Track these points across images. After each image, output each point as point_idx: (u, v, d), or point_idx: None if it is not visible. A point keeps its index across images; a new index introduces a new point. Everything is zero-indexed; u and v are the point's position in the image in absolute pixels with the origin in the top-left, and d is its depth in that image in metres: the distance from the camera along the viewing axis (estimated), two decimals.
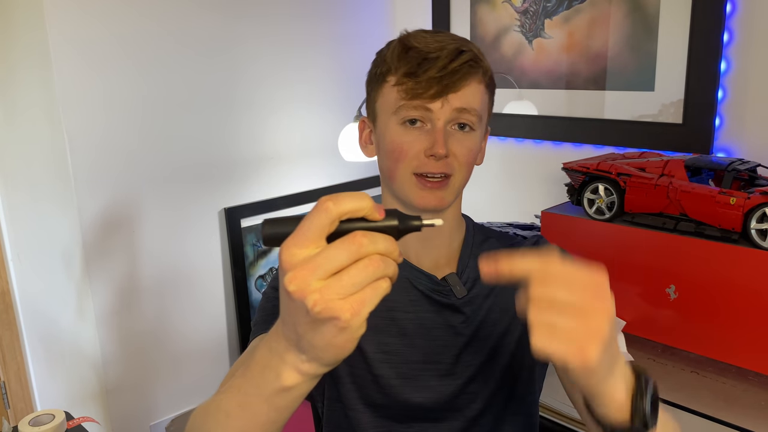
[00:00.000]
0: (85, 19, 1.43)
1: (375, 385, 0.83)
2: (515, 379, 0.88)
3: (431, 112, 0.79)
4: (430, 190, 0.80)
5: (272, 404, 0.53)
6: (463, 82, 0.78)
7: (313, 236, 0.45)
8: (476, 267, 0.87)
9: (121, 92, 1.51)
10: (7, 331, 1.81)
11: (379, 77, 0.83)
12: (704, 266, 1.17)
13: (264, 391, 0.53)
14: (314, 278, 0.44)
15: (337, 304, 0.44)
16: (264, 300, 0.85)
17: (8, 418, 1.82)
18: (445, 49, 0.78)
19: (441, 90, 0.77)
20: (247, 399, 0.55)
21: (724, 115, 1.41)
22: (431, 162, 0.79)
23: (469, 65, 0.79)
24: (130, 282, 1.59)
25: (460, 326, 0.85)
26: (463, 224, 0.92)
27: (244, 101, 1.74)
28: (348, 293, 0.45)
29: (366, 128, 0.89)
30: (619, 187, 1.29)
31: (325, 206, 0.45)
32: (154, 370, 1.67)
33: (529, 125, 1.77)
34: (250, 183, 1.78)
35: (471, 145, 0.82)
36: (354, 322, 0.45)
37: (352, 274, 0.44)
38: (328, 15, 1.89)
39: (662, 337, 1.26)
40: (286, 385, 0.51)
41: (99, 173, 1.50)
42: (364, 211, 0.47)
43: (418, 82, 0.77)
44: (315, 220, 0.45)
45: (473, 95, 0.80)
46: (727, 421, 1.04)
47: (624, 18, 1.52)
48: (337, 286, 0.44)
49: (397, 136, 0.81)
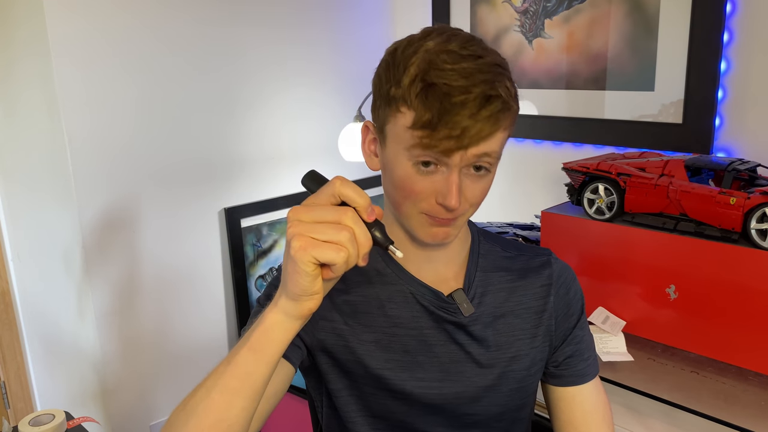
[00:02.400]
0: (86, 18, 1.43)
1: (375, 398, 0.82)
2: (520, 407, 0.87)
3: (448, 160, 0.70)
4: (438, 226, 0.75)
5: (252, 348, 0.63)
6: (486, 136, 0.69)
7: (320, 197, 0.61)
8: (483, 281, 0.85)
9: (121, 92, 1.51)
10: (7, 331, 1.81)
11: (391, 100, 0.72)
12: (704, 266, 1.17)
13: (248, 338, 0.64)
14: (305, 215, 0.59)
15: (299, 235, 0.59)
16: (256, 309, 0.83)
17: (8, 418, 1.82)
18: (472, 93, 0.66)
19: (460, 145, 0.68)
20: (234, 351, 0.65)
21: (724, 115, 1.41)
22: (441, 210, 0.73)
23: (495, 118, 0.68)
24: (130, 282, 1.59)
25: (466, 345, 0.82)
26: (469, 234, 0.88)
27: (245, 101, 1.74)
28: (312, 234, 0.58)
29: (370, 135, 0.80)
30: (619, 187, 1.29)
31: (334, 183, 0.61)
32: (154, 370, 1.67)
33: (529, 125, 1.77)
34: (250, 183, 1.78)
35: (485, 186, 0.75)
36: (300, 254, 0.58)
37: (326, 225, 0.59)
38: (328, 14, 1.89)
39: (662, 337, 1.26)
40: (266, 318, 0.63)
41: (99, 173, 1.50)
42: (357, 205, 0.61)
43: (436, 133, 0.67)
44: (326, 188, 0.61)
45: (495, 142, 0.70)
46: (727, 421, 1.04)
47: (624, 18, 1.52)
48: (309, 226, 0.59)
49: (408, 176, 0.72)
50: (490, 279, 0.86)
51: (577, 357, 0.88)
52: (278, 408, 1.96)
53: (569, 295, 0.89)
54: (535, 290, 0.87)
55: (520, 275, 0.87)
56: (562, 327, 0.88)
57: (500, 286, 0.86)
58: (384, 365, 0.81)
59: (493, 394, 0.83)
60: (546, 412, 1.26)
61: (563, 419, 0.88)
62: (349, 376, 0.82)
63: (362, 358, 0.81)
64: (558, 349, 0.88)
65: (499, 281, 0.86)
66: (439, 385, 0.82)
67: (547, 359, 0.88)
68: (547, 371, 0.89)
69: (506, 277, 0.87)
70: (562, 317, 0.88)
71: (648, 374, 1.18)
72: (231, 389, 0.64)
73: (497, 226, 1.61)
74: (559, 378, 0.88)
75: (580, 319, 0.90)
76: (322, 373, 0.84)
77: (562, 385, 0.88)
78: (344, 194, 0.60)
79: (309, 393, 0.94)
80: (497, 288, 0.86)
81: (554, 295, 0.87)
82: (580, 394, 0.88)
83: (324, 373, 0.83)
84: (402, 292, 0.83)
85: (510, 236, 1.53)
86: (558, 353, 0.88)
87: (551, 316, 0.87)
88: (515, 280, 0.87)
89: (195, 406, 0.64)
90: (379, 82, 0.75)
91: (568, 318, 0.88)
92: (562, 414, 0.89)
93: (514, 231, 1.56)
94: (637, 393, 1.15)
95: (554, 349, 0.88)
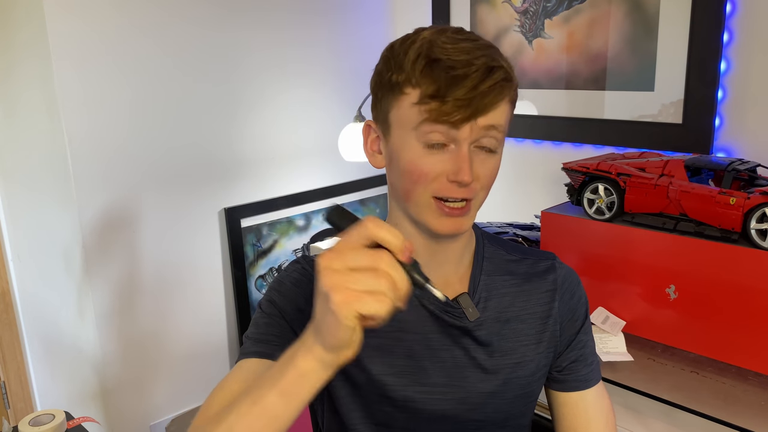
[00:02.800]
0: (86, 20, 1.43)
1: (379, 405, 0.81)
2: (524, 413, 0.87)
3: (456, 132, 0.70)
4: (449, 216, 0.74)
5: (283, 393, 0.59)
6: (493, 104, 0.70)
7: (352, 240, 0.56)
8: (487, 285, 0.85)
9: (120, 92, 1.51)
10: (7, 331, 1.81)
11: (394, 86, 0.73)
12: (704, 266, 1.17)
13: (278, 380, 0.59)
14: (338, 262, 0.54)
15: (337, 287, 0.53)
16: (258, 314, 0.82)
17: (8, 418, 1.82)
18: (474, 65, 0.69)
19: (470, 114, 0.69)
20: (260, 392, 0.60)
21: (724, 115, 1.41)
22: (454, 187, 0.72)
23: (500, 86, 0.70)
24: (130, 282, 1.59)
25: (471, 350, 0.82)
26: (473, 236, 0.87)
27: (245, 101, 1.74)
28: (351, 284, 0.53)
29: (372, 134, 0.80)
30: (619, 187, 1.29)
31: (366, 225, 0.56)
32: (154, 370, 1.67)
33: (529, 125, 1.77)
34: (250, 183, 1.78)
35: (494, 166, 0.75)
36: (342, 309, 0.53)
37: (363, 273, 0.54)
38: (328, 15, 1.89)
39: (662, 337, 1.26)
40: (299, 365, 0.58)
41: (99, 173, 1.50)
42: (392, 247, 0.56)
43: (445, 103, 0.69)
44: (358, 230, 0.56)
45: (501, 114, 0.72)
46: (727, 421, 1.04)
47: (624, 18, 1.52)
48: (347, 276, 0.54)
49: (417, 156, 0.72)
50: (495, 283, 0.85)
51: (580, 362, 0.88)
52: None
53: (574, 300, 0.89)
54: (539, 295, 0.86)
55: (524, 279, 0.87)
56: (566, 332, 0.87)
57: (505, 290, 0.85)
58: (387, 370, 0.80)
59: (497, 400, 0.83)
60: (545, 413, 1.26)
61: (566, 425, 0.88)
62: (353, 382, 0.81)
63: (365, 364, 0.80)
64: (562, 354, 0.88)
65: (504, 285, 0.86)
66: (443, 390, 0.81)
67: (551, 364, 0.88)
68: (551, 376, 0.89)
69: (511, 281, 0.86)
70: (567, 322, 0.88)
71: (648, 374, 1.18)
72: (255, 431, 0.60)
73: (497, 226, 1.61)
74: (562, 383, 0.88)
75: (584, 324, 0.89)
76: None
77: (565, 390, 0.88)
78: (378, 236, 0.56)
79: None
80: (502, 292, 0.85)
81: (559, 300, 0.87)
82: (583, 400, 0.87)
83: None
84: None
85: (510, 236, 1.53)
86: (562, 358, 0.88)
87: (556, 322, 0.86)
88: (520, 284, 0.86)
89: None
90: (379, 76, 0.76)
91: (573, 323, 0.88)
92: (564, 420, 0.88)
93: (514, 231, 1.56)
94: (637, 393, 1.15)
95: (558, 354, 0.88)
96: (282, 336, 0.78)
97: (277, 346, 0.76)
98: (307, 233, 1.92)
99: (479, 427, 0.83)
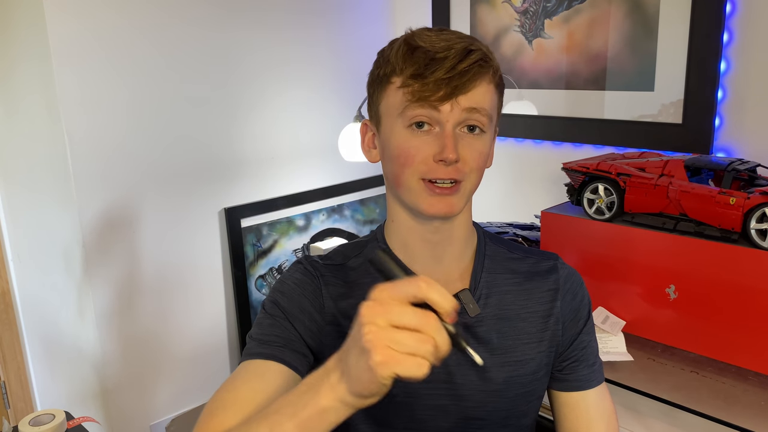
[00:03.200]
0: (86, 21, 1.43)
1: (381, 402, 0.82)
2: (525, 413, 0.87)
3: (440, 114, 0.74)
4: (440, 196, 0.76)
5: (301, 426, 0.58)
6: (472, 82, 0.74)
7: (399, 294, 0.54)
8: (489, 282, 0.85)
9: (120, 93, 1.51)
10: (7, 331, 1.81)
11: (382, 78, 0.78)
12: (704, 266, 1.17)
13: (299, 410, 0.58)
14: (382, 317, 0.53)
15: (379, 345, 0.52)
16: (262, 315, 0.83)
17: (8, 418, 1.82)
18: (453, 49, 0.73)
19: (450, 92, 0.73)
20: (278, 419, 0.59)
21: (724, 115, 1.41)
22: (440, 167, 0.75)
23: (479, 65, 0.74)
24: (130, 282, 1.59)
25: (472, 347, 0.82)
26: (475, 233, 0.88)
27: (245, 101, 1.74)
28: (393, 345, 0.52)
29: (369, 131, 0.84)
30: (618, 187, 1.29)
31: (419, 285, 0.54)
32: (154, 370, 1.67)
33: (529, 125, 1.77)
34: (250, 183, 1.78)
35: (482, 148, 0.77)
36: (380, 369, 0.52)
37: (407, 335, 0.53)
38: (328, 15, 1.89)
39: (662, 337, 1.26)
40: (322, 402, 0.57)
41: (99, 173, 1.50)
42: (440, 308, 0.55)
43: (426, 83, 0.73)
44: (408, 287, 0.55)
45: (483, 95, 0.75)
46: (727, 421, 1.04)
47: (624, 18, 1.52)
48: (391, 334, 0.52)
49: (404, 140, 0.76)
50: (496, 280, 0.86)
51: (582, 362, 0.88)
52: None
53: (576, 300, 0.89)
54: (541, 294, 0.87)
55: (526, 278, 0.87)
56: (568, 332, 0.88)
57: (506, 288, 0.86)
58: None
59: (497, 398, 0.83)
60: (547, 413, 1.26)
61: (567, 425, 0.88)
62: None
63: None
64: (563, 353, 0.88)
65: (505, 283, 0.86)
66: (443, 387, 0.81)
67: (553, 364, 0.88)
68: (552, 376, 0.89)
69: (512, 279, 0.86)
70: (569, 323, 0.88)
71: (648, 374, 1.18)
72: None
73: (497, 226, 1.61)
74: (563, 382, 0.88)
75: (586, 325, 0.89)
76: None
77: (566, 390, 0.88)
78: (429, 297, 0.55)
79: None
80: (503, 290, 0.85)
81: (561, 300, 0.87)
82: (584, 400, 0.87)
83: None
84: None
85: (510, 236, 1.53)
86: (563, 358, 0.88)
87: (558, 321, 0.86)
88: (521, 283, 0.87)
89: None
90: (371, 75, 0.82)
91: (575, 323, 0.88)
92: (565, 420, 0.88)
93: (514, 231, 1.56)
94: (637, 393, 1.15)
95: (560, 354, 0.88)
96: (285, 337, 0.79)
97: (281, 347, 0.77)
98: (307, 233, 1.92)
99: (480, 426, 0.83)
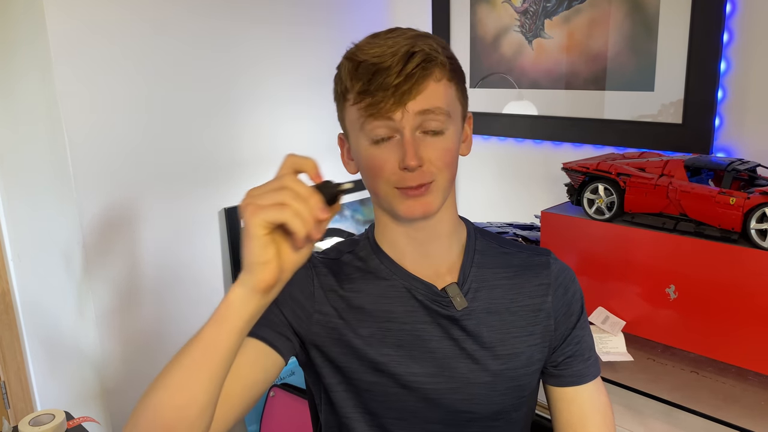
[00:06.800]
0: (86, 19, 1.43)
1: (371, 394, 0.83)
2: (517, 406, 0.87)
3: (394, 122, 0.75)
4: (414, 198, 0.78)
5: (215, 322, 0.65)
6: (419, 85, 0.74)
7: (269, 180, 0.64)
8: (478, 276, 0.86)
9: (121, 92, 1.51)
10: (7, 331, 1.81)
11: (340, 97, 0.80)
12: (704, 266, 1.17)
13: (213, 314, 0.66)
14: (255, 191, 0.63)
15: (247, 204, 0.62)
16: None
17: (8, 418, 1.82)
18: (396, 55, 0.73)
19: (398, 99, 0.73)
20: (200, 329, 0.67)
21: (724, 115, 1.41)
22: (408, 175, 0.76)
23: (421, 67, 0.74)
24: (130, 282, 1.59)
25: (461, 340, 0.83)
26: (464, 228, 0.89)
27: (244, 101, 1.74)
28: (257, 200, 0.62)
29: (345, 145, 0.86)
30: (618, 187, 1.29)
31: (284, 158, 0.66)
32: (154, 370, 1.65)
33: (529, 125, 1.77)
34: (250, 183, 1.76)
35: (446, 146, 0.78)
36: (249, 221, 0.61)
37: (268, 192, 0.62)
38: (328, 15, 1.89)
39: (662, 337, 1.26)
40: (229, 296, 0.65)
41: (99, 173, 1.50)
42: (305, 169, 0.66)
43: (373, 97, 0.74)
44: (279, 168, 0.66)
45: (434, 94, 0.75)
46: (727, 421, 1.04)
47: (624, 18, 1.52)
48: (257, 196, 0.62)
49: (370, 154, 0.78)
50: (486, 275, 0.86)
51: (577, 357, 0.88)
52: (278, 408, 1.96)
53: (568, 295, 0.89)
54: (531, 288, 0.87)
55: (516, 272, 0.88)
56: (561, 328, 0.88)
57: (496, 282, 0.86)
58: (378, 359, 0.81)
59: (489, 391, 0.83)
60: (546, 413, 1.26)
61: (562, 421, 0.88)
62: (343, 371, 0.83)
63: (356, 353, 0.82)
64: (557, 349, 0.88)
65: (495, 277, 0.86)
66: (433, 380, 0.82)
67: (547, 360, 0.88)
68: (547, 371, 0.89)
69: (502, 274, 0.87)
70: (562, 318, 0.88)
71: (648, 374, 1.18)
72: (195, 361, 0.66)
73: (497, 226, 1.61)
74: (558, 378, 0.88)
75: (579, 319, 0.89)
76: (316, 367, 0.84)
77: (561, 386, 0.88)
78: (294, 163, 0.65)
79: (309, 389, 0.95)
80: (493, 284, 0.86)
81: (552, 295, 0.87)
82: (580, 396, 0.87)
83: (318, 367, 0.84)
84: (396, 287, 0.84)
85: (510, 236, 1.53)
86: (557, 353, 0.88)
87: (549, 316, 0.87)
88: (511, 277, 0.87)
89: (160, 380, 0.68)
90: (334, 94, 0.83)
91: (568, 318, 0.88)
92: (561, 415, 0.89)
93: (514, 231, 1.56)
94: (637, 393, 1.15)
95: (553, 349, 0.88)
96: (269, 319, 0.81)
97: (262, 326, 0.80)
98: None
99: (471, 419, 0.84)
